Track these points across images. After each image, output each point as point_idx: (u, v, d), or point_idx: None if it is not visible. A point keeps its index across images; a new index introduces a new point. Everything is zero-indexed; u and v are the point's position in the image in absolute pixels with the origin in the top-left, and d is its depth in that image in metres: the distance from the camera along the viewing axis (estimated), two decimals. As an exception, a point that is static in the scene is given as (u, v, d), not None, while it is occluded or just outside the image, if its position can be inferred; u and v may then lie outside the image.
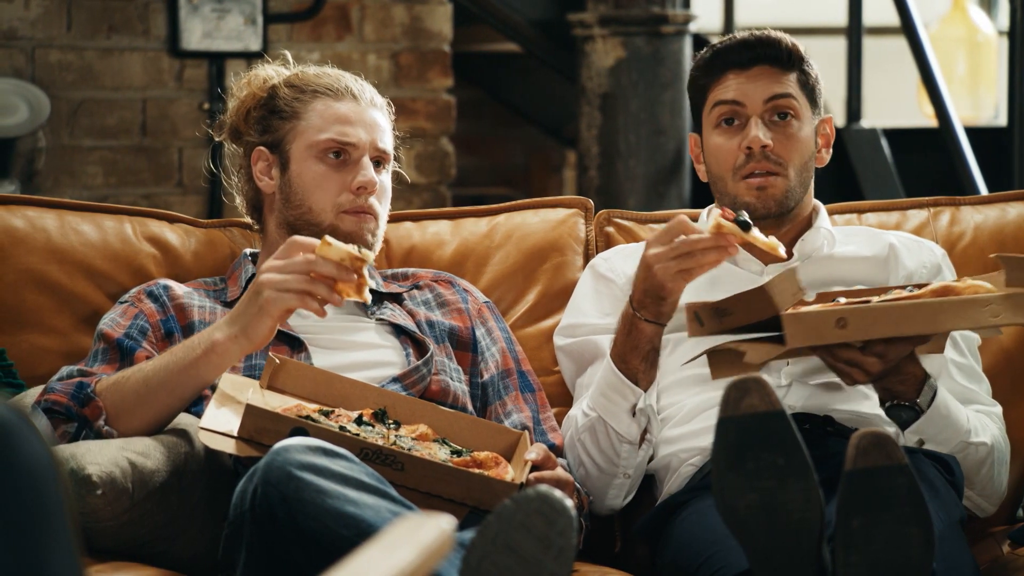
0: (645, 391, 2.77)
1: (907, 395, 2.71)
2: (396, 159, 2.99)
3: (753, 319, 2.58)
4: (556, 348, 3.03)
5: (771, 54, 2.91)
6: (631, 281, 2.79)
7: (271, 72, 2.97)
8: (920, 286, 2.66)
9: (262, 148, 2.92)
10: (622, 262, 3.00)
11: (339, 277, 2.54)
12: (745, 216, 2.63)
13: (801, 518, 2.23)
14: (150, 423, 2.64)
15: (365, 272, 2.55)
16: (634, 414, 2.78)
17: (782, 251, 2.68)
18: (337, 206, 2.86)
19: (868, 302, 2.60)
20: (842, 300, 2.65)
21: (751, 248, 2.77)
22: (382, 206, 2.91)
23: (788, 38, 2.94)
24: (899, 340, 2.61)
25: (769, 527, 2.23)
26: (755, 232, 2.63)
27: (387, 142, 2.93)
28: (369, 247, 2.88)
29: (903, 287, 2.70)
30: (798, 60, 2.93)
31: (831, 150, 2.99)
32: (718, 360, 2.66)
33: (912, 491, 2.22)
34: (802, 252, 2.95)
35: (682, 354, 2.89)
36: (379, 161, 2.92)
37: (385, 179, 2.93)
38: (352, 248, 2.54)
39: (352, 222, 2.87)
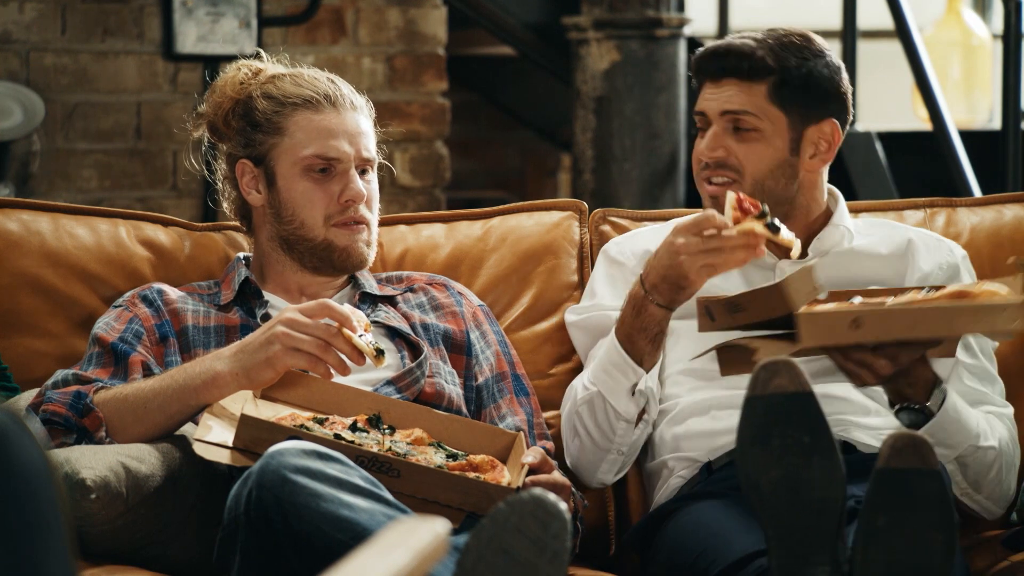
0: (647, 372, 2.77)
1: (917, 398, 2.70)
2: (381, 148, 2.96)
3: (767, 316, 2.55)
4: (568, 325, 3.02)
5: (737, 65, 2.85)
6: (642, 260, 2.79)
7: (247, 73, 2.93)
8: (937, 288, 2.65)
9: (246, 161, 2.91)
10: (632, 243, 3.00)
11: (351, 359, 2.61)
12: (775, 220, 2.63)
13: (824, 496, 2.23)
14: (148, 439, 2.65)
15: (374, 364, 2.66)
16: (634, 394, 2.78)
17: (797, 248, 2.67)
18: (327, 219, 2.87)
19: (884, 303, 2.58)
20: (857, 300, 2.63)
21: (769, 243, 2.74)
22: (372, 212, 2.92)
23: (761, 45, 2.85)
24: (912, 343, 2.59)
25: (791, 504, 2.23)
26: (783, 233, 2.63)
27: (371, 147, 2.91)
28: (364, 259, 2.90)
29: (919, 288, 2.67)
30: (769, 69, 2.84)
31: (831, 154, 2.93)
32: (728, 356, 2.64)
33: (942, 498, 2.21)
34: (818, 249, 2.91)
35: (685, 345, 2.87)
36: (365, 167, 2.91)
37: (372, 183, 2.93)
38: (373, 351, 2.61)
39: (345, 237, 2.87)
